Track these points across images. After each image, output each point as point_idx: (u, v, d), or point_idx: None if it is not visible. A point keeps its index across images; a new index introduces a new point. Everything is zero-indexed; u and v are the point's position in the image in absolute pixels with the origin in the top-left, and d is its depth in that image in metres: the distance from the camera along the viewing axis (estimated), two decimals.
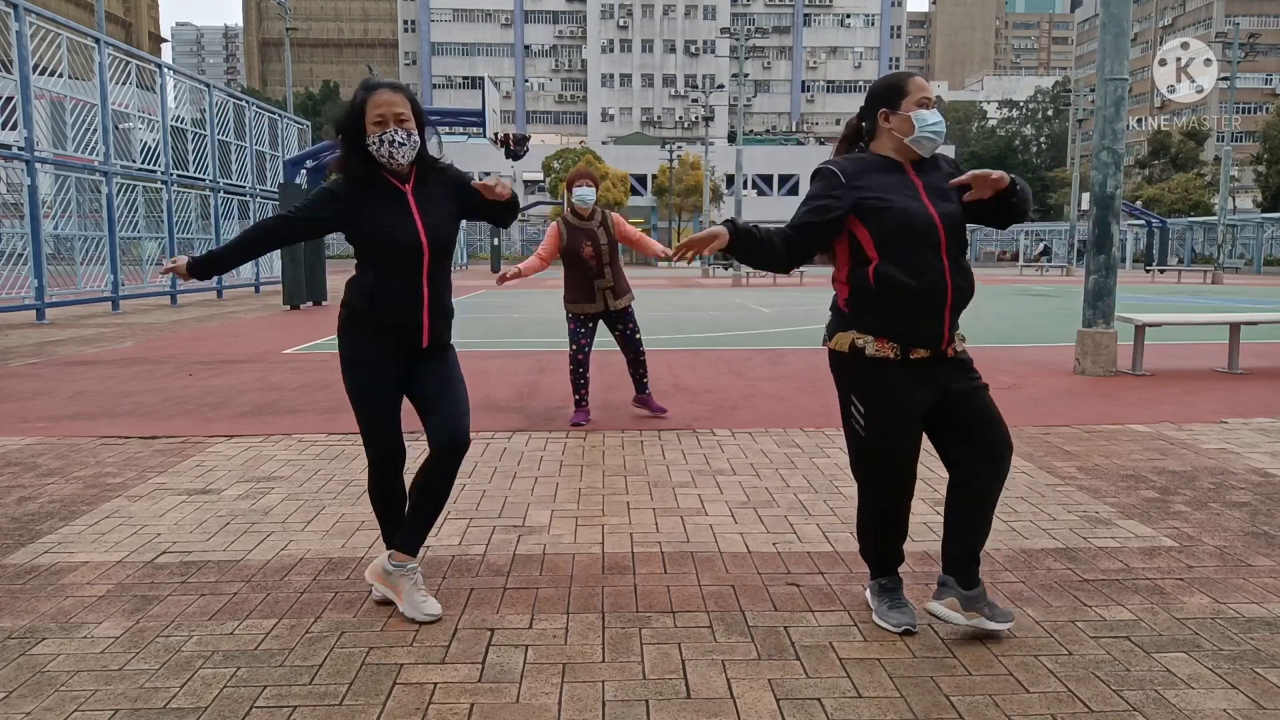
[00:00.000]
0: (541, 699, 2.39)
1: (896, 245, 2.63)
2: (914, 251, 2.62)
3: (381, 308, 2.86)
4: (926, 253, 2.62)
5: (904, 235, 2.63)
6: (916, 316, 2.65)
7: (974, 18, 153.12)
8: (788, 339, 11.58)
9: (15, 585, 3.18)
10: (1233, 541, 3.62)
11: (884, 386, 2.69)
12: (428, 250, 2.85)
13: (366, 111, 2.77)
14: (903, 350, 2.67)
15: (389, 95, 2.78)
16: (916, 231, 2.62)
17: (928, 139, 2.70)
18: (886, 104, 2.74)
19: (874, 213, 2.64)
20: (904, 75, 2.79)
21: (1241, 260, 46.10)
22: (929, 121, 2.68)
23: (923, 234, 2.62)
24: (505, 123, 43.52)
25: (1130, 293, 21.40)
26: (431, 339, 2.92)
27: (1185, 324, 9.64)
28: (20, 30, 13.89)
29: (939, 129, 2.69)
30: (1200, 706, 2.34)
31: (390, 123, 2.76)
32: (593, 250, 5.74)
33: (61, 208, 16.51)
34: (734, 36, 42.26)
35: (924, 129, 2.69)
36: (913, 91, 2.71)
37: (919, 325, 2.66)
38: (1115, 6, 8.22)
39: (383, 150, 2.77)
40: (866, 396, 2.72)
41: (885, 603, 2.86)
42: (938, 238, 2.63)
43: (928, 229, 2.63)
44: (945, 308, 2.66)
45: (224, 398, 7.01)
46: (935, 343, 2.68)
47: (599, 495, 4.32)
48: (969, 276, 2.72)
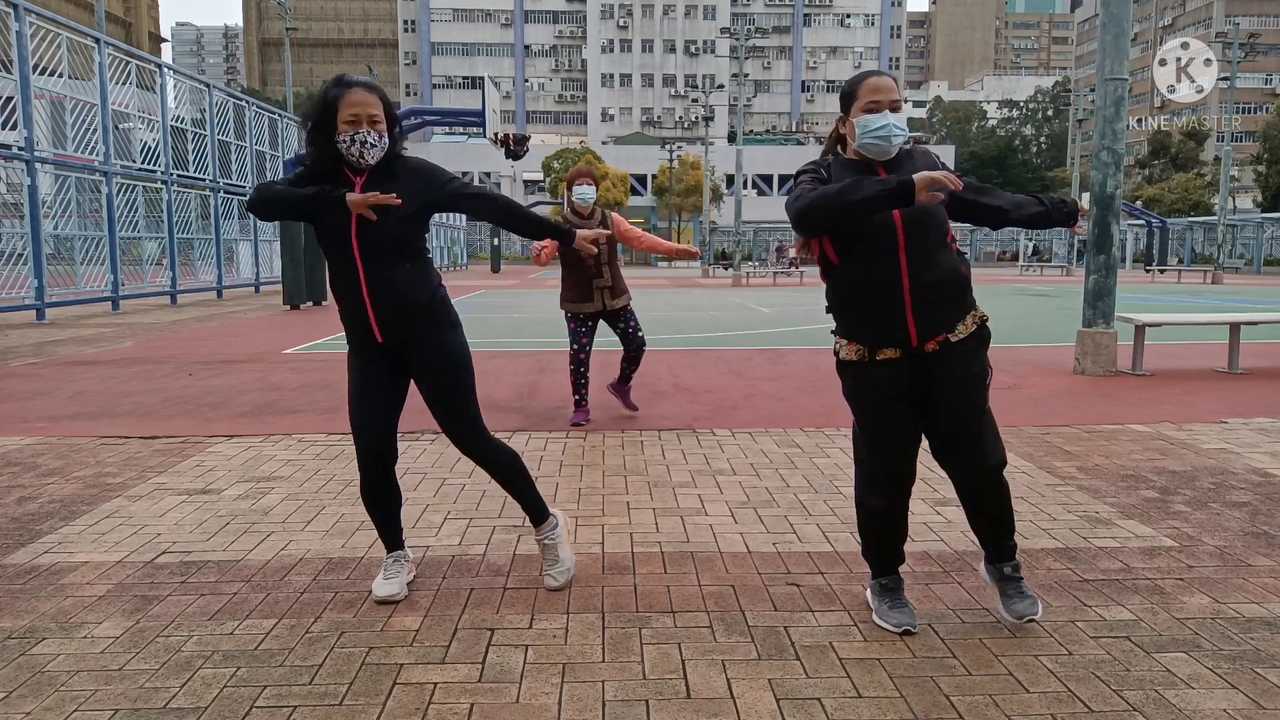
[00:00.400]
0: (541, 699, 2.39)
1: (852, 247, 2.64)
2: (867, 251, 2.62)
3: (338, 303, 2.96)
4: (880, 251, 2.60)
5: (858, 236, 2.62)
6: (874, 317, 2.65)
7: (974, 18, 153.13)
8: (788, 339, 11.58)
9: (15, 585, 3.18)
10: (1233, 541, 3.62)
11: (859, 388, 2.74)
12: (356, 247, 2.82)
13: (339, 109, 2.76)
14: (869, 351, 2.68)
15: (363, 95, 2.77)
16: (870, 231, 2.60)
17: (870, 144, 2.63)
18: (844, 108, 2.72)
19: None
20: (858, 78, 2.72)
21: (1241, 260, 46.11)
22: (871, 127, 2.61)
23: (876, 234, 2.60)
24: (505, 123, 43.50)
25: (1130, 293, 21.41)
26: (387, 336, 2.90)
27: (1185, 324, 9.64)
28: (20, 30, 13.89)
29: (883, 133, 2.61)
30: (1200, 706, 2.34)
31: (363, 123, 2.76)
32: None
33: (61, 208, 16.51)
34: (734, 36, 42.27)
35: (864, 135, 2.63)
36: (861, 96, 2.65)
37: (879, 326, 2.65)
38: (1115, 6, 8.22)
39: (353, 149, 2.78)
40: (850, 398, 2.80)
41: (886, 602, 2.86)
42: (894, 235, 2.59)
43: (881, 228, 2.59)
44: (905, 305, 2.61)
45: (224, 398, 7.01)
46: (902, 342, 2.65)
47: (599, 495, 4.32)
48: (943, 269, 2.64)
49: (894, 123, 2.63)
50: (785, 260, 35.36)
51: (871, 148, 2.65)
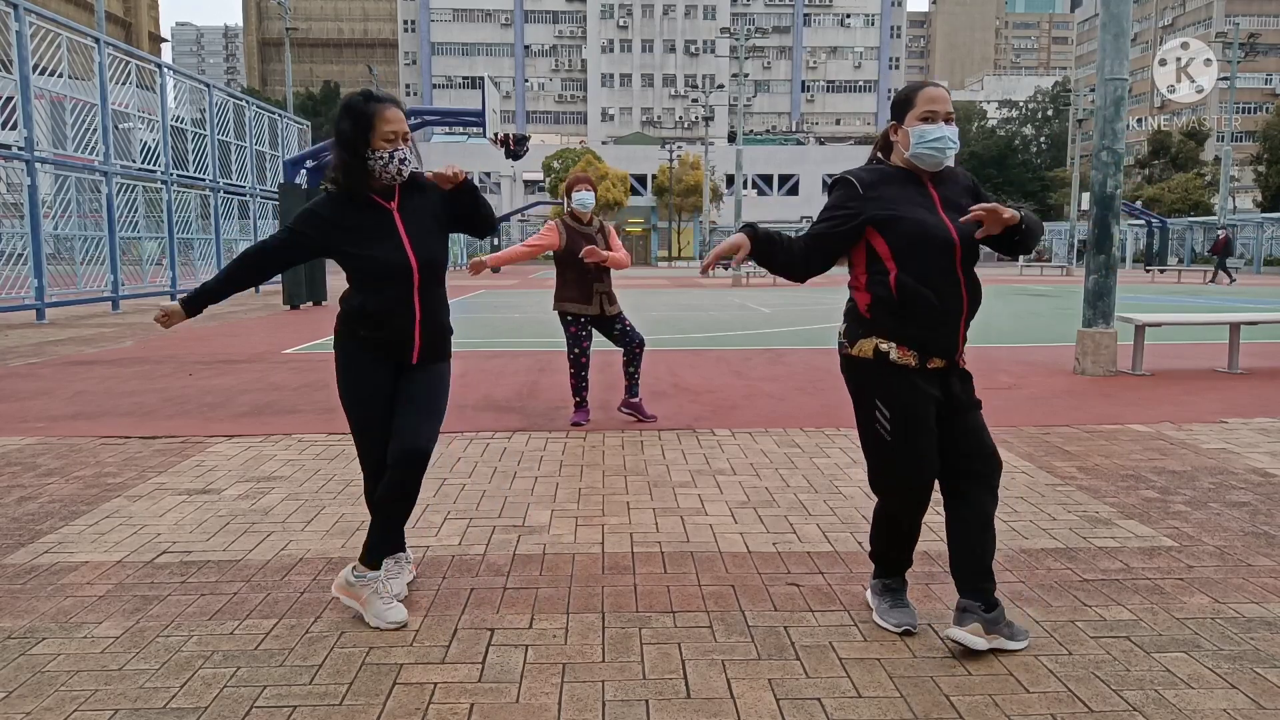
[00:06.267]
0: (541, 699, 2.39)
1: (914, 256, 2.63)
2: (932, 263, 2.63)
3: (373, 327, 2.84)
4: (944, 264, 2.63)
5: (921, 247, 2.62)
6: (936, 326, 2.65)
7: (974, 18, 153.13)
8: (788, 339, 11.58)
9: (15, 585, 3.18)
10: (1233, 541, 3.62)
11: (908, 392, 2.68)
12: (417, 271, 2.82)
13: (376, 125, 2.72)
14: (921, 359, 2.67)
15: (397, 112, 2.77)
16: (933, 244, 2.62)
17: (924, 154, 2.66)
18: (897, 116, 2.73)
19: (890, 223, 2.63)
20: (915, 87, 2.73)
21: (1241, 260, 46.10)
22: (928, 138, 2.64)
23: (940, 247, 2.62)
24: (505, 123, 43.47)
25: (1130, 293, 21.41)
26: (423, 356, 2.90)
27: (1185, 324, 9.64)
28: (20, 30, 13.89)
29: (938, 144, 2.64)
30: (1200, 706, 2.34)
31: (400, 141, 2.76)
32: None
33: (61, 208, 16.51)
34: (734, 36, 42.27)
35: (918, 144, 2.65)
36: (919, 104, 2.67)
37: (938, 335, 2.66)
38: (1115, 6, 8.22)
39: (390, 166, 2.75)
40: (892, 402, 2.67)
41: (886, 602, 2.86)
42: (954, 251, 2.64)
43: (944, 242, 2.63)
44: (961, 318, 2.68)
45: (224, 398, 7.01)
46: (950, 353, 2.69)
47: (599, 495, 4.32)
48: (979, 288, 2.74)
49: (949, 134, 2.65)
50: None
51: (926, 158, 2.67)
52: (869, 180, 2.68)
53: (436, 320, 2.91)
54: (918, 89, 2.72)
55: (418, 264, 2.82)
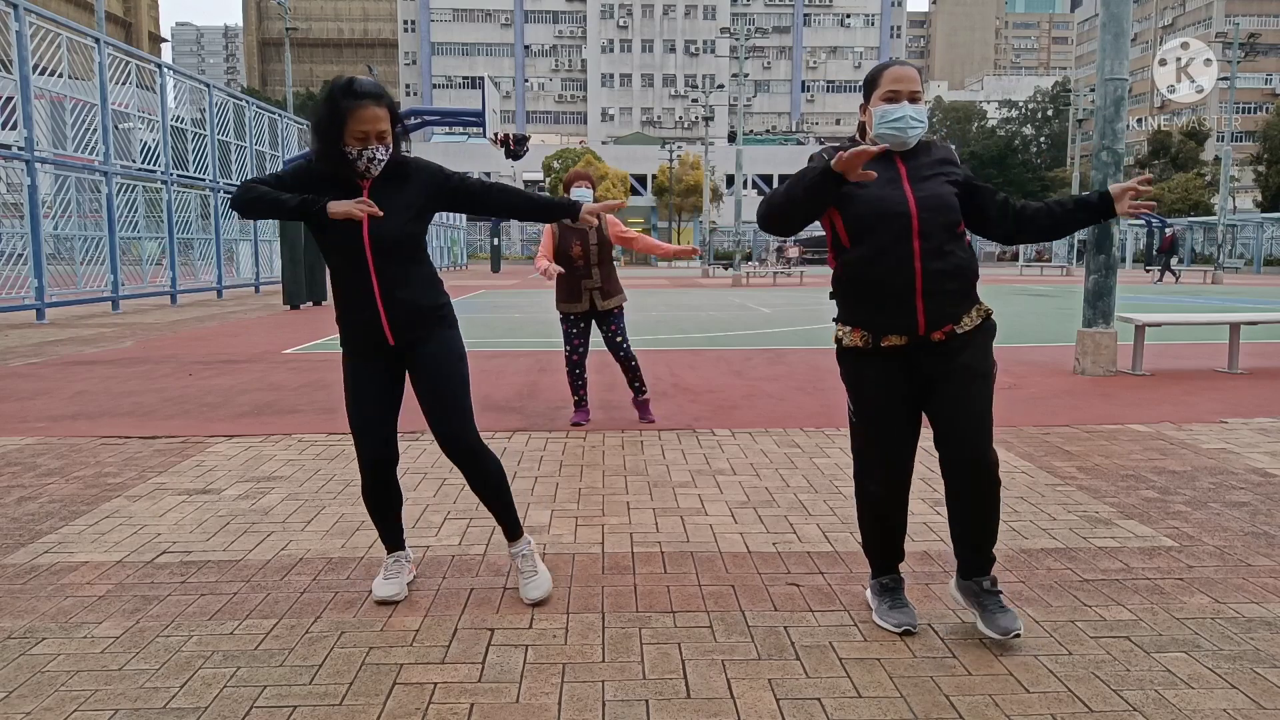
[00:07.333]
0: (541, 699, 2.39)
1: (866, 232, 2.63)
2: (882, 237, 2.60)
3: (341, 305, 2.92)
4: (894, 238, 2.59)
5: (874, 221, 2.61)
6: (884, 303, 2.63)
7: (974, 18, 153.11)
8: (788, 339, 11.58)
9: (15, 585, 3.18)
10: (1233, 541, 3.62)
11: (859, 376, 2.72)
12: (369, 248, 2.80)
13: (348, 122, 2.71)
14: (874, 339, 2.66)
15: (373, 111, 2.72)
16: (886, 217, 2.60)
17: (886, 134, 2.64)
18: (865, 96, 2.74)
19: (848, 200, 2.63)
20: (880, 67, 2.73)
21: (1241, 260, 46.09)
22: (889, 117, 2.62)
23: (892, 219, 2.59)
24: (505, 123, 43.54)
25: (1130, 293, 21.41)
26: (398, 337, 2.89)
27: (1185, 324, 9.64)
28: (20, 30, 13.89)
29: (899, 124, 2.62)
30: (1200, 706, 2.34)
31: (372, 139, 2.74)
32: (581, 250, 5.74)
33: (61, 208, 16.51)
34: (734, 36, 42.23)
35: (880, 124, 2.64)
36: (883, 84, 2.67)
37: (887, 312, 2.64)
38: (1115, 6, 8.22)
39: (359, 163, 2.77)
40: (849, 386, 2.79)
41: (886, 602, 2.86)
42: (909, 222, 2.59)
43: (898, 214, 2.59)
44: (916, 293, 2.60)
45: (224, 398, 7.01)
46: (909, 329, 2.63)
47: (599, 495, 4.32)
48: (955, 259, 2.64)
49: (911, 114, 2.62)
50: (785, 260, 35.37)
51: (888, 137, 2.65)
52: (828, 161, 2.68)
53: (400, 298, 2.86)
54: (883, 68, 2.72)
55: (370, 240, 2.79)
